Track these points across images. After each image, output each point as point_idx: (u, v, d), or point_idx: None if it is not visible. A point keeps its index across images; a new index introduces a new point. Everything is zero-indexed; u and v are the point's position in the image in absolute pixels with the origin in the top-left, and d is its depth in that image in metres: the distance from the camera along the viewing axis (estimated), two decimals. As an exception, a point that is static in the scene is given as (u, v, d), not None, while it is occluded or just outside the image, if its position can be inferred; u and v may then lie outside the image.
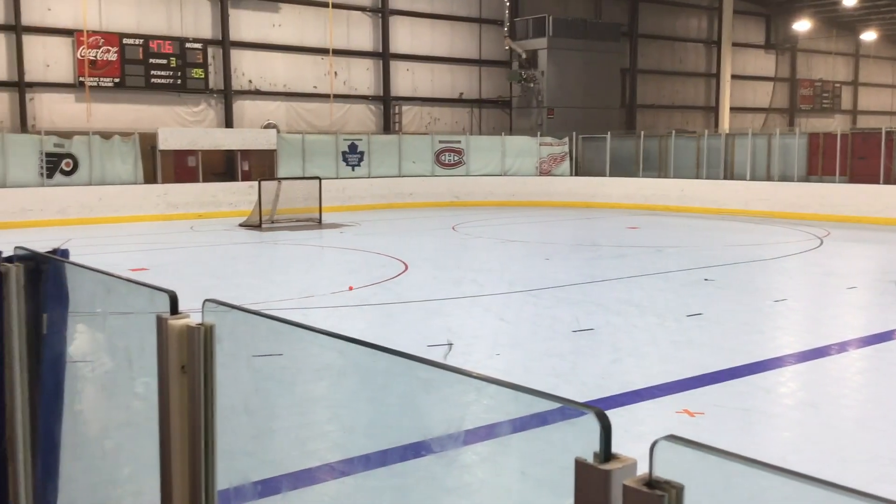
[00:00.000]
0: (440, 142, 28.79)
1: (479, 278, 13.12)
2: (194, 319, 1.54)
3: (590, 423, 1.06)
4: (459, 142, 29.01)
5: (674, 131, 28.71)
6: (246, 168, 25.47)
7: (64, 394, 2.16)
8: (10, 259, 2.19)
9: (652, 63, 36.67)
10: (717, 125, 35.94)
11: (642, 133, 28.99)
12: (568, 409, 1.17)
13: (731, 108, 36.43)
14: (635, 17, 35.59)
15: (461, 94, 31.58)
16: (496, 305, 11.08)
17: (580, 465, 0.99)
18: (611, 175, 28.33)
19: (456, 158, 28.82)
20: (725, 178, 26.02)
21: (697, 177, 26.62)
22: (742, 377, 7.52)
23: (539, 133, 29.75)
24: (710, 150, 26.64)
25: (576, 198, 27.88)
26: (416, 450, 2.62)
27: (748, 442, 5.95)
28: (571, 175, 29.30)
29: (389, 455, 2.75)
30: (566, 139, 29.28)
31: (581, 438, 1.64)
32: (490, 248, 17.74)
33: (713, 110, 37.94)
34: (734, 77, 37.04)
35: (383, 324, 9.89)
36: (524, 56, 31.11)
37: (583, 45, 31.27)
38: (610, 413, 1.06)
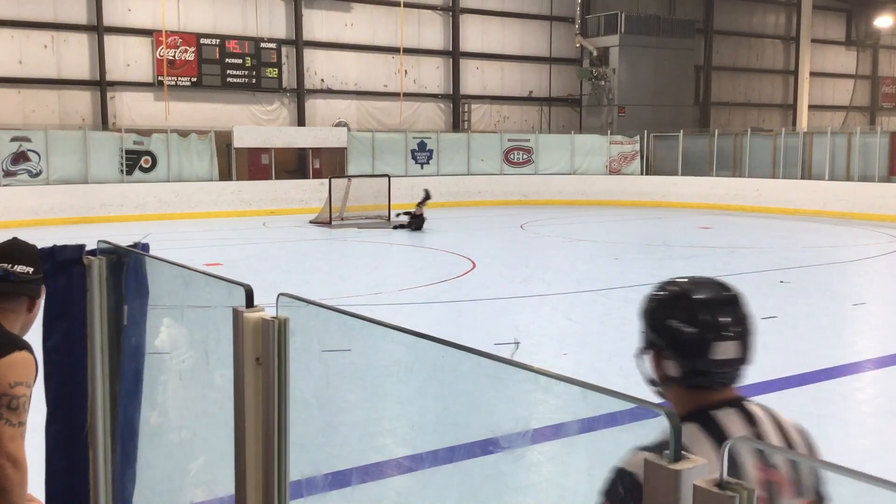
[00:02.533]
0: (509, 140, 28.72)
1: (547, 277, 13.05)
2: (268, 313, 1.58)
3: (659, 423, 1.05)
4: (528, 140, 28.89)
5: (749, 129, 28.05)
6: (317, 166, 25.85)
7: (143, 383, 2.24)
8: (93, 252, 2.28)
9: (727, 60, 35.90)
10: (794, 123, 34.98)
11: (716, 131, 28.40)
12: (637, 409, 1.16)
13: (810, 106, 35.39)
14: (710, 13, 34.88)
15: (531, 91, 31.44)
16: (564, 305, 11.01)
17: (650, 465, 0.98)
18: (683, 174, 27.84)
19: (525, 157, 28.71)
20: (803, 177, 25.31)
21: (773, 176, 25.96)
22: (818, 382, 7.32)
23: (609, 131, 29.42)
24: (787, 149, 25.94)
25: (646, 197, 27.48)
26: (483, 447, 2.63)
27: (823, 449, 5.79)
28: (642, 174, 28.90)
29: (456, 452, 2.77)
30: (637, 137, 28.88)
31: (648, 437, 1.62)
32: (558, 246, 17.63)
33: (791, 108, 36.93)
34: (813, 74, 35.97)
35: (450, 321, 9.92)
36: (595, 53, 30.80)
37: (655, 41, 30.81)
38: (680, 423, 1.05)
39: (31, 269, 2.48)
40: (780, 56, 37.78)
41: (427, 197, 20.46)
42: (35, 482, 2.57)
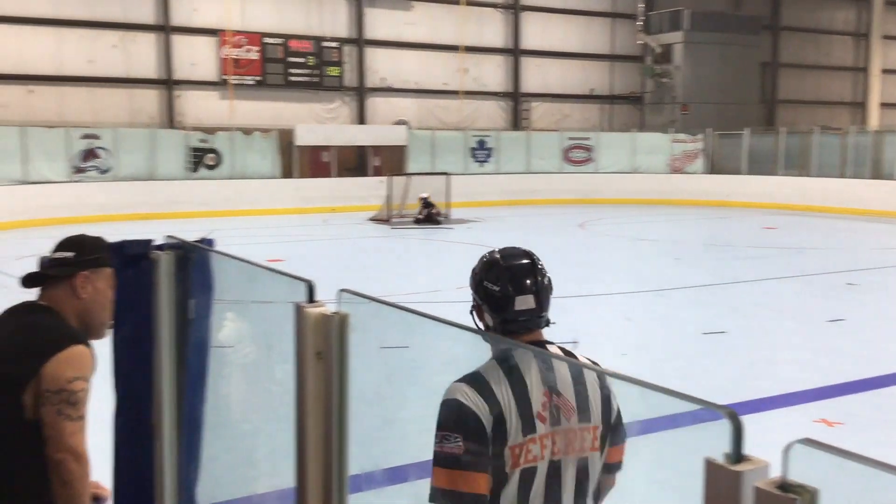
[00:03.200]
0: (569, 138, 28.52)
1: (607, 277, 12.94)
2: (329, 309, 1.60)
3: (720, 424, 1.04)
4: (589, 138, 28.65)
5: (817, 128, 27.36)
6: (377, 163, 26.05)
7: (207, 377, 2.29)
8: (160, 247, 2.34)
9: (794, 57, 35.06)
10: (864, 122, 33.99)
11: (783, 130, 27.77)
12: (698, 411, 1.15)
13: (881, 104, 34.34)
14: (777, 9, 34.12)
15: (592, 89, 31.18)
16: (623, 305, 10.90)
17: (710, 466, 0.97)
18: (748, 173, 27.30)
19: (585, 155, 28.49)
20: (873, 177, 24.59)
21: (842, 175, 25.27)
22: (886, 387, 7.12)
23: (672, 129, 29.01)
24: (856, 148, 25.23)
25: (709, 196, 27.00)
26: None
27: (891, 456, 5.62)
28: (705, 173, 28.42)
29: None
30: (700, 136, 28.41)
31: (710, 442, 1.60)
32: (618, 246, 17.46)
33: (860, 106, 35.88)
34: (884, 71, 34.88)
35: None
36: (658, 51, 30.40)
37: (721, 38, 30.26)
38: (742, 423, 1.03)
39: (70, 254, 2.54)
40: (850, 53, 36.75)
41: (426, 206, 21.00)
42: (104, 471, 2.65)
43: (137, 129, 22.84)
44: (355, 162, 26.26)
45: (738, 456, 0.97)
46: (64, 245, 2.58)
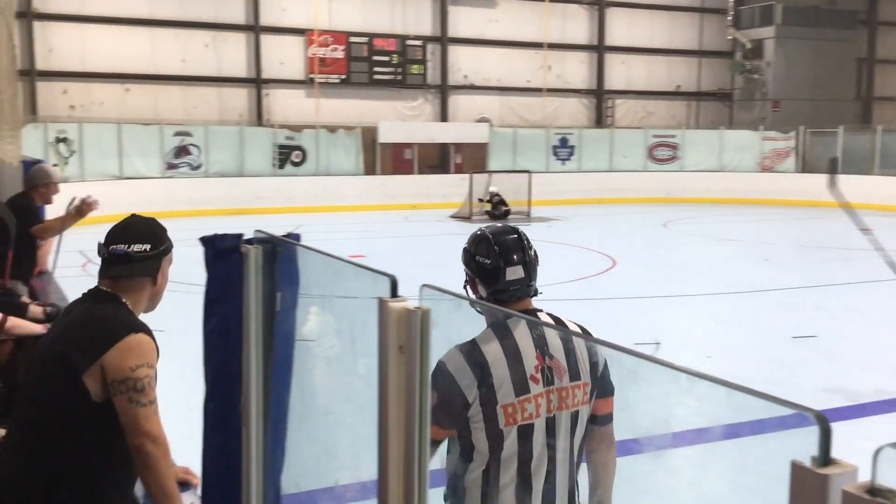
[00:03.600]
0: (654, 136, 28.04)
1: (691, 277, 12.69)
2: (411, 304, 1.62)
3: (807, 428, 1.02)
4: (675, 136, 28.11)
5: (917, 126, 26.22)
6: (459, 161, 26.13)
7: (293, 368, 2.34)
8: (249, 241, 2.40)
9: (893, 52, 33.64)
10: (969, 119, 32.41)
11: (880, 127, 26.68)
12: (786, 416, 1.12)
13: None
14: (874, 3, 32.79)
15: (678, 86, 30.58)
16: (708, 306, 10.67)
17: (797, 469, 0.96)
18: (842, 172, 26.32)
19: (670, 153, 27.96)
20: (977, 177, 23.44)
21: (943, 176, 24.16)
22: None
23: (762, 127, 28.21)
24: (959, 147, 24.08)
25: (801, 196, 26.13)
26: (621, 446, 2.59)
27: None
28: (796, 171, 27.54)
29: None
30: (792, 133, 27.53)
31: (797, 447, 1.56)
32: (704, 246, 17.09)
33: (965, 102, 34.24)
34: None
35: (587, 319, 9.79)
36: (749, 46, 29.61)
37: (814, 33, 29.27)
38: (831, 426, 1.01)
39: (147, 247, 2.59)
40: (955, 46, 35.07)
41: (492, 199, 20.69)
42: (194, 456, 2.75)
43: (227, 127, 23.47)
44: (437, 159, 26.40)
45: (825, 459, 0.95)
46: (136, 236, 2.62)
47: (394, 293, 1.62)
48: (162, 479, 2.42)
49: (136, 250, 2.58)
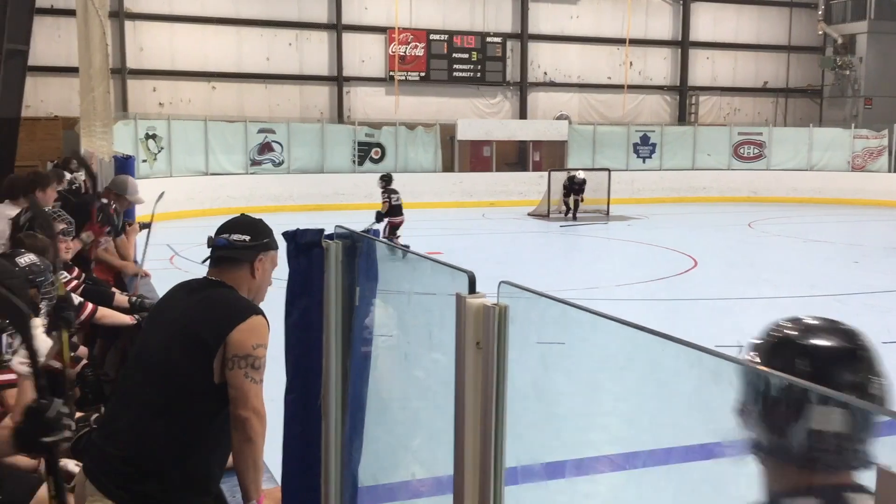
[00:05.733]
0: (739, 133, 27.33)
1: (776, 279, 12.35)
2: (489, 300, 1.62)
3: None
4: (761, 133, 27.35)
5: None
6: (537, 158, 25.98)
7: (371, 361, 2.37)
8: (330, 236, 2.44)
9: None
10: None
11: (981, 125, 25.46)
12: (877, 423, 1.08)
13: None
14: (978, -7, 31.31)
15: (765, 82, 29.76)
16: (794, 308, 10.31)
17: (882, 474, 0.92)
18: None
19: (756, 151, 27.23)
20: None
21: None
22: None
23: (853, 125, 27.22)
24: None
25: (893, 196, 25.14)
26: (701, 451, 2.54)
27: None
28: (890, 171, 26.48)
29: (672, 454, 2.69)
30: (885, 131, 26.48)
31: (889, 453, 1.50)
32: (790, 247, 16.61)
33: None
34: None
35: (668, 320, 9.65)
36: (840, 41, 28.60)
37: (911, 27, 28.13)
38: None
39: (247, 238, 2.82)
40: None
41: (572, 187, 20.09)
42: (274, 446, 2.81)
43: (309, 124, 23.85)
44: (515, 157, 26.31)
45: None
46: (237, 227, 2.86)
47: (472, 289, 1.62)
48: (258, 452, 2.64)
49: (235, 239, 2.81)
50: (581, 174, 20.57)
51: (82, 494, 2.65)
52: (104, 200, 6.49)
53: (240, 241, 2.81)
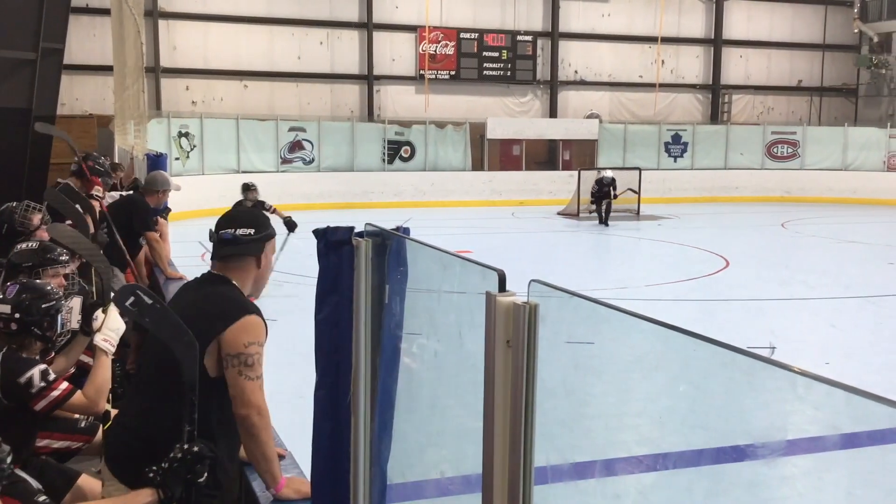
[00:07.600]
0: (773, 132, 27.02)
1: (810, 280, 12.19)
2: (519, 298, 1.62)
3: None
4: (795, 133, 27.02)
5: None
6: (567, 157, 25.88)
7: (400, 358, 2.37)
8: (360, 234, 2.45)
9: None
10: None
11: None
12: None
13: None
14: None
15: (800, 81, 29.39)
16: (827, 310, 10.23)
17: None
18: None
19: (790, 150, 26.90)
20: None
21: None
22: None
23: (889, 124, 26.80)
24: None
25: (931, 197, 24.74)
26: (731, 453, 2.51)
27: None
28: (927, 171, 26.05)
29: (703, 455, 2.67)
30: (922, 131, 26.07)
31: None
32: (824, 247, 16.39)
33: None
34: None
35: (699, 321, 9.56)
36: (876, 39, 28.18)
37: (950, 24, 27.64)
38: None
39: (252, 231, 2.87)
40: None
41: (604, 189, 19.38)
42: (304, 442, 2.83)
43: (339, 123, 23.96)
44: (545, 156, 26.23)
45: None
46: (240, 221, 2.91)
47: (502, 288, 1.62)
48: (264, 445, 2.70)
49: (241, 234, 2.86)
50: (609, 173, 19.88)
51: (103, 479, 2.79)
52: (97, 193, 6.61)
53: (245, 236, 2.86)
